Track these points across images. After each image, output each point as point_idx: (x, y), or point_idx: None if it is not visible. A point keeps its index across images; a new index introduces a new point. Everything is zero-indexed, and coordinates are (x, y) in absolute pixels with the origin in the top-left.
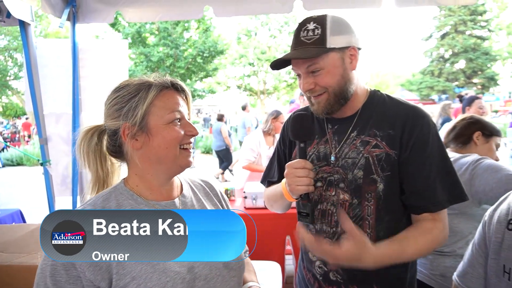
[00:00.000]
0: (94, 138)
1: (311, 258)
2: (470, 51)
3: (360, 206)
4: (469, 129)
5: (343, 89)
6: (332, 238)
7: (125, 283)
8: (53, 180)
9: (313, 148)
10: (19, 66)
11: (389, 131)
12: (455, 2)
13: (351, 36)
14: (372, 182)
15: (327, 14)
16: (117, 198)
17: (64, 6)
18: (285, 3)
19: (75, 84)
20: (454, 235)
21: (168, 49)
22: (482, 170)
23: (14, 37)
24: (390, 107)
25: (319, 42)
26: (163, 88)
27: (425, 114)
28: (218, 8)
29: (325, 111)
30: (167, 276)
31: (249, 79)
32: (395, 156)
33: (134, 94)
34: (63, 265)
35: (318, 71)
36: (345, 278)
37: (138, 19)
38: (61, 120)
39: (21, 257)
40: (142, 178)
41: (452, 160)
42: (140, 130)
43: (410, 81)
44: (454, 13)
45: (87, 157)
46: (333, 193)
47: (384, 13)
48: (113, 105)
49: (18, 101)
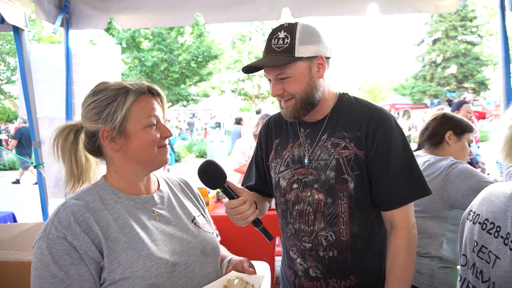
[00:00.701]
0: (71, 136)
1: (292, 256)
2: (461, 56)
3: (334, 204)
4: (441, 130)
5: (309, 96)
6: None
7: (113, 267)
8: (46, 182)
9: (288, 152)
10: (11, 70)
11: (356, 133)
12: (435, 10)
13: (319, 46)
14: (344, 181)
15: (298, 23)
16: (99, 193)
17: (58, 12)
18: (273, 10)
19: (69, 88)
20: (428, 237)
21: (162, 54)
22: (454, 176)
23: (7, 41)
24: (356, 110)
25: (287, 51)
26: (140, 94)
27: (389, 116)
28: (209, 15)
29: (292, 116)
30: (151, 261)
31: (243, 83)
32: (363, 156)
33: (112, 99)
34: (64, 250)
35: (286, 78)
36: (324, 273)
37: (131, 25)
38: (55, 123)
39: (16, 253)
40: (122, 175)
41: (428, 163)
42: (119, 134)
43: (403, 86)
44: (445, 19)
45: (62, 153)
46: (309, 193)
47: (376, 19)
48: (92, 109)
49: (11, 105)
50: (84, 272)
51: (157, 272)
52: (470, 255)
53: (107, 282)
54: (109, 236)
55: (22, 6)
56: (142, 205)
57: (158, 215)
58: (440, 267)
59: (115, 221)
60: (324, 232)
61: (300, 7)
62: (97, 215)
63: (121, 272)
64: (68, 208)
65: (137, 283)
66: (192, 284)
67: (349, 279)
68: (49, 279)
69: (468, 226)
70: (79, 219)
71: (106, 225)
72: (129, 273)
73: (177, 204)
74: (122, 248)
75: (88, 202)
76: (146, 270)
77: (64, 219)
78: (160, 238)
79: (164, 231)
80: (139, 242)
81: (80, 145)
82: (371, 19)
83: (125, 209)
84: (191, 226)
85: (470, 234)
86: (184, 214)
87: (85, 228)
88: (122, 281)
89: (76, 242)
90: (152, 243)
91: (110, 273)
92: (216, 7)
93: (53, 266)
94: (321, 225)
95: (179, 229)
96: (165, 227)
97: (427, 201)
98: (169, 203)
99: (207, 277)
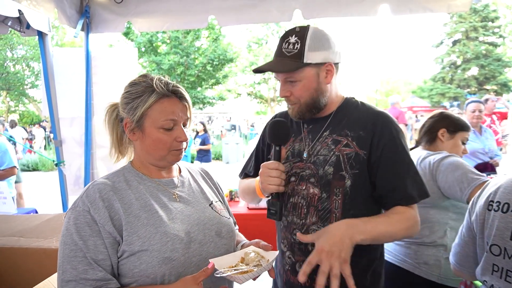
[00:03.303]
0: (114, 113)
1: (282, 249)
2: (482, 58)
3: (329, 200)
4: (435, 127)
5: (315, 100)
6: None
7: (132, 240)
8: (66, 180)
9: (289, 146)
10: (35, 75)
11: (360, 133)
12: (448, 9)
13: (328, 52)
14: (341, 178)
15: (310, 27)
16: (125, 175)
17: (79, 17)
18: (285, 12)
19: (88, 89)
20: (432, 226)
21: (178, 57)
22: (444, 168)
23: (31, 47)
24: (362, 111)
25: (297, 56)
26: (164, 96)
27: (393, 119)
28: (221, 17)
29: (298, 117)
30: (168, 237)
31: (259, 86)
32: (364, 156)
33: (139, 94)
34: (86, 222)
35: (294, 82)
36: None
37: (147, 28)
38: (75, 123)
39: (38, 241)
40: (142, 163)
41: (422, 157)
42: (137, 127)
43: (421, 88)
44: (465, 20)
45: (109, 125)
46: (304, 187)
47: (393, 20)
48: (124, 98)
49: (35, 109)
50: (99, 244)
51: (172, 247)
52: (507, 244)
53: (127, 253)
54: (131, 212)
55: (46, 12)
56: (163, 187)
57: (178, 196)
58: (446, 258)
59: (137, 200)
60: (315, 227)
61: (311, 9)
62: (121, 194)
63: (139, 245)
64: (96, 186)
65: (154, 256)
66: (205, 262)
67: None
68: (70, 246)
69: (496, 216)
70: (104, 196)
71: (128, 203)
72: (147, 246)
73: (197, 188)
74: (142, 224)
75: (114, 182)
76: (162, 244)
77: (91, 195)
78: (178, 217)
79: (183, 211)
80: (158, 219)
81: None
82: (388, 21)
83: (147, 190)
84: (208, 209)
85: (504, 223)
86: (203, 198)
87: (107, 205)
88: (140, 253)
89: (97, 216)
90: (169, 221)
91: (130, 245)
92: (229, 10)
93: (75, 235)
94: (313, 219)
95: (197, 210)
96: (184, 208)
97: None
98: (189, 187)
99: None
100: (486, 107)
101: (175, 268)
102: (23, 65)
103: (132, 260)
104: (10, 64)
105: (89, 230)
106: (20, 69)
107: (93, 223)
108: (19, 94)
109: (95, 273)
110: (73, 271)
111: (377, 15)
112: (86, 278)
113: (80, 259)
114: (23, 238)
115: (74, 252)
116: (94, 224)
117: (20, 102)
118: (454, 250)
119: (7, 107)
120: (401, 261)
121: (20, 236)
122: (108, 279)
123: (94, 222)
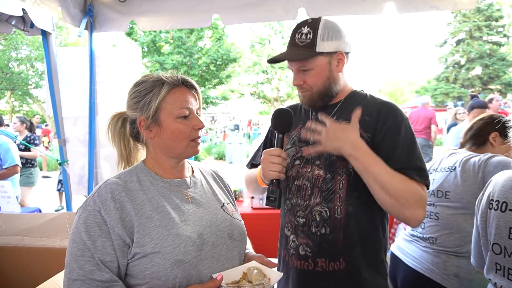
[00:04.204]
0: (119, 123)
1: (286, 233)
2: (486, 57)
3: (333, 180)
4: (485, 130)
5: (328, 88)
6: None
7: (144, 242)
8: (70, 179)
9: (296, 131)
10: (39, 75)
11: (365, 117)
12: (454, 7)
13: (340, 42)
14: (344, 159)
15: (322, 19)
16: (137, 175)
17: (82, 16)
18: (290, 11)
19: (92, 89)
20: (466, 236)
21: (182, 57)
22: (493, 167)
23: (35, 48)
24: (369, 101)
25: (309, 46)
26: (174, 86)
27: (398, 108)
28: (225, 16)
29: (309, 104)
30: (180, 239)
31: (262, 86)
32: (367, 138)
33: (149, 90)
34: (96, 222)
35: (307, 70)
36: (314, 251)
37: (151, 27)
38: (78, 122)
39: (42, 240)
40: (157, 161)
41: (464, 159)
42: (153, 123)
43: (425, 88)
44: (469, 19)
45: (112, 138)
46: (309, 169)
47: (397, 21)
48: (132, 98)
49: (38, 109)
50: (108, 245)
51: (184, 250)
52: (506, 242)
53: (138, 254)
54: (143, 213)
55: (50, 10)
56: (176, 187)
57: (190, 197)
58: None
59: (149, 201)
60: (319, 207)
61: (315, 7)
62: (133, 194)
63: (152, 246)
64: (108, 186)
65: (166, 258)
66: (217, 264)
67: (338, 261)
68: (79, 245)
69: (495, 215)
70: (116, 197)
71: (140, 204)
72: (159, 248)
73: (209, 190)
74: (154, 225)
75: (126, 182)
76: (174, 247)
77: (103, 195)
78: (191, 219)
79: (195, 213)
80: (170, 221)
81: (127, 131)
82: (391, 20)
83: (159, 191)
84: (220, 211)
85: (503, 222)
86: (215, 199)
87: (118, 206)
88: (152, 255)
89: (107, 217)
90: (182, 223)
91: (142, 246)
92: (233, 9)
93: (84, 234)
94: (317, 199)
95: (209, 212)
96: (196, 209)
97: (468, 195)
98: (201, 188)
99: (232, 260)
100: (491, 107)
101: (186, 271)
102: (27, 65)
103: (144, 262)
104: (14, 64)
105: (98, 231)
106: (24, 69)
107: (103, 224)
108: (23, 94)
109: (102, 274)
110: (79, 271)
111: (383, 13)
112: (93, 278)
113: (88, 259)
114: (27, 237)
115: (82, 252)
116: (104, 224)
117: (24, 102)
118: (472, 249)
119: (11, 107)
120: (428, 270)
121: (24, 235)
122: (114, 281)
123: (104, 223)
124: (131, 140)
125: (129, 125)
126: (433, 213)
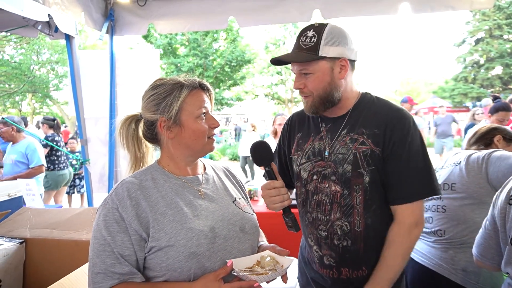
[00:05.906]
0: (132, 125)
1: (310, 243)
2: (507, 56)
3: (350, 196)
4: (490, 133)
5: (329, 94)
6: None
7: (159, 236)
8: (91, 177)
9: (309, 145)
10: (59, 78)
11: (374, 130)
12: (471, 6)
13: (344, 48)
14: (359, 175)
15: (328, 24)
16: (152, 174)
17: (104, 20)
18: (304, 12)
19: (112, 90)
20: (473, 225)
21: (197, 59)
22: (495, 159)
23: (55, 51)
24: (377, 108)
25: (312, 49)
26: (193, 88)
27: (408, 116)
28: (241, 18)
29: (311, 111)
30: (193, 232)
31: (277, 87)
32: (379, 153)
33: (169, 92)
34: (114, 219)
35: (308, 74)
36: (337, 261)
37: (168, 30)
38: (99, 123)
39: (69, 233)
40: (173, 160)
41: (469, 155)
42: (174, 123)
43: (443, 88)
44: (489, 18)
45: (126, 141)
46: (327, 185)
47: (413, 20)
48: (151, 101)
49: (58, 111)
50: (126, 240)
51: (197, 243)
52: None
53: (155, 248)
54: (157, 210)
55: (74, 15)
56: (188, 184)
57: (203, 193)
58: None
59: (162, 198)
60: (340, 222)
61: (330, 8)
62: (147, 192)
63: (166, 240)
64: (125, 185)
65: (180, 251)
66: (230, 256)
67: (361, 269)
68: (100, 240)
69: None
70: (132, 195)
71: (155, 201)
72: (174, 241)
73: (221, 185)
74: (168, 220)
75: (141, 181)
76: (187, 240)
77: (120, 193)
78: (203, 213)
79: (207, 208)
80: (183, 216)
81: (140, 133)
82: (407, 20)
83: (172, 188)
84: (232, 205)
85: None
86: (226, 195)
87: (134, 203)
88: (167, 248)
89: (124, 213)
90: (194, 218)
91: (157, 240)
92: (248, 11)
93: (104, 230)
94: (337, 215)
95: (221, 207)
96: (209, 205)
97: (474, 185)
98: (213, 184)
99: (244, 252)
100: None
101: (200, 262)
102: (48, 68)
103: (160, 255)
104: (35, 67)
105: (117, 227)
106: (45, 72)
107: (121, 220)
108: (44, 96)
109: (122, 267)
110: (102, 265)
111: (397, 14)
112: (114, 271)
113: (108, 254)
114: (56, 230)
115: (103, 247)
116: (122, 221)
117: (44, 104)
118: (477, 241)
119: (32, 109)
120: (436, 265)
121: (53, 228)
122: (134, 273)
123: (121, 219)
124: (143, 142)
125: (144, 127)
126: (440, 206)
